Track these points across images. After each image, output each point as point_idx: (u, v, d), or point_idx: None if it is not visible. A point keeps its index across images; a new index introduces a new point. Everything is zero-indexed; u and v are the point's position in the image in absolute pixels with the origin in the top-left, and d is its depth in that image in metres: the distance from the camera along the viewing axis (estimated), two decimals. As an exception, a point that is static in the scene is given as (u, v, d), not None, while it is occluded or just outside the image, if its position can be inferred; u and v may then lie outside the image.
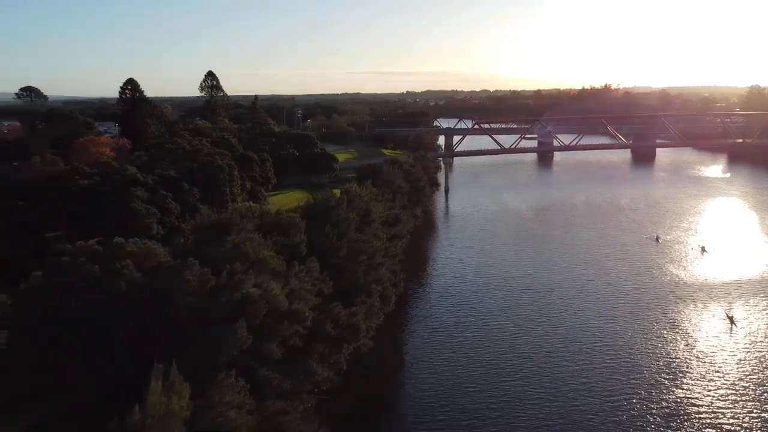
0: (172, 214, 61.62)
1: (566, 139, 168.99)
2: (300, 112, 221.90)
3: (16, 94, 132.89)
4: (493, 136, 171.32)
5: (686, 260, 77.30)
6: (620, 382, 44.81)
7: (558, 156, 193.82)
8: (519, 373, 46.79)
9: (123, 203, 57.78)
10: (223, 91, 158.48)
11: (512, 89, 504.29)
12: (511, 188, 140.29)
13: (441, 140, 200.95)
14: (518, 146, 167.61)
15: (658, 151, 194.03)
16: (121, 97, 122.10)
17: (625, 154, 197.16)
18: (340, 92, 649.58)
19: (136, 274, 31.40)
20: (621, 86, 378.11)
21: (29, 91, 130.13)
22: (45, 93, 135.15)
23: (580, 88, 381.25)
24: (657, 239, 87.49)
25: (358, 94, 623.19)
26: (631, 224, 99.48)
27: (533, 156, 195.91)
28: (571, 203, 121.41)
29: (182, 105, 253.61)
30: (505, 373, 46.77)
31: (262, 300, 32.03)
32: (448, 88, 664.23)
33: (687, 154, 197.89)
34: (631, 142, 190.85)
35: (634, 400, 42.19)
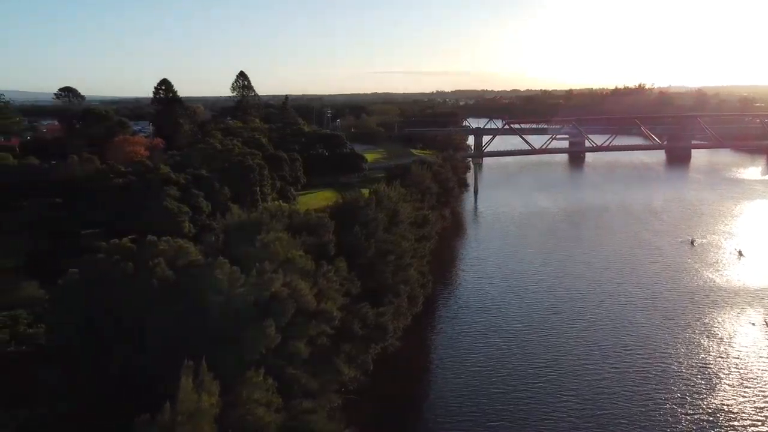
0: (204, 212, 62.55)
1: (598, 139, 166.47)
2: (329, 111, 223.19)
3: (55, 94, 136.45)
4: (524, 136, 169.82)
5: (722, 264, 75.35)
6: (652, 388, 43.93)
7: (590, 157, 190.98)
8: (547, 376, 46.23)
9: (156, 202, 58.86)
10: (254, 91, 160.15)
11: (543, 89, 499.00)
12: (541, 189, 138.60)
13: (471, 140, 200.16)
14: (549, 147, 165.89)
15: (694, 152, 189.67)
16: (155, 97, 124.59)
17: (659, 156, 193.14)
18: (369, 92, 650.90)
19: (168, 272, 31.92)
20: (655, 86, 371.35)
21: (68, 92, 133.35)
22: (82, 93, 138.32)
23: (614, 87, 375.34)
24: (692, 242, 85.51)
25: (387, 93, 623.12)
26: (664, 227, 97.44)
27: (564, 157, 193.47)
28: (603, 205, 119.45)
29: (214, 105, 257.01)
30: (533, 376, 46.26)
31: (291, 299, 32.26)
32: (478, 88, 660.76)
33: (724, 156, 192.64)
34: (665, 142, 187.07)
35: (666, 407, 41.30)
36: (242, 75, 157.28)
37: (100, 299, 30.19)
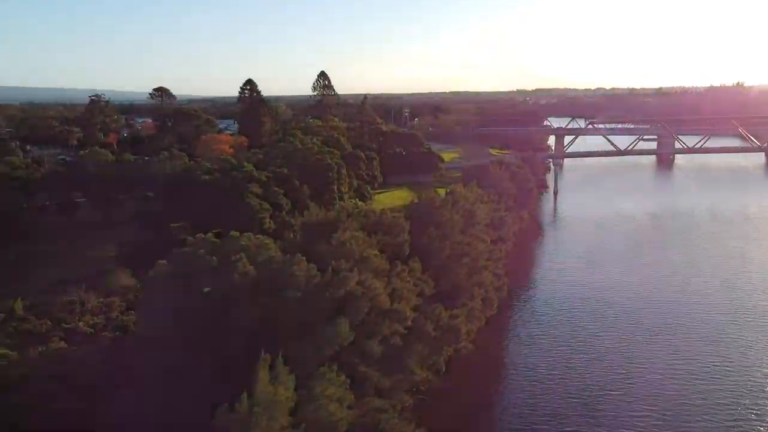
0: (284, 210, 64.46)
1: (690, 140, 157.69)
2: (407, 111, 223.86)
3: (149, 94, 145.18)
4: (608, 136, 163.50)
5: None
6: (742, 408, 41.24)
7: (680, 159, 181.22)
8: (626, 385, 44.29)
9: (240, 199, 61.27)
10: (333, 90, 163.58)
11: (630, 87, 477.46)
12: (625, 192, 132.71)
13: (551, 140, 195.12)
14: (635, 148, 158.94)
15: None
16: (240, 96, 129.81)
17: (759, 159, 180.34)
18: (448, 91, 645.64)
19: (249, 267, 33.16)
20: (756, 84, 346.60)
21: (160, 92, 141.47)
22: (174, 93, 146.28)
23: (708, 86, 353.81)
24: (793, 253, 79.52)
25: (466, 92, 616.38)
26: (761, 236, 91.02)
27: (652, 159, 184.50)
28: (692, 210, 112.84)
29: (296, 104, 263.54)
30: (611, 385, 44.48)
31: (365, 298, 32.74)
32: (561, 86, 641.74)
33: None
34: (765, 145, 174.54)
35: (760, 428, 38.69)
36: (323, 75, 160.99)
37: (186, 291, 31.81)
